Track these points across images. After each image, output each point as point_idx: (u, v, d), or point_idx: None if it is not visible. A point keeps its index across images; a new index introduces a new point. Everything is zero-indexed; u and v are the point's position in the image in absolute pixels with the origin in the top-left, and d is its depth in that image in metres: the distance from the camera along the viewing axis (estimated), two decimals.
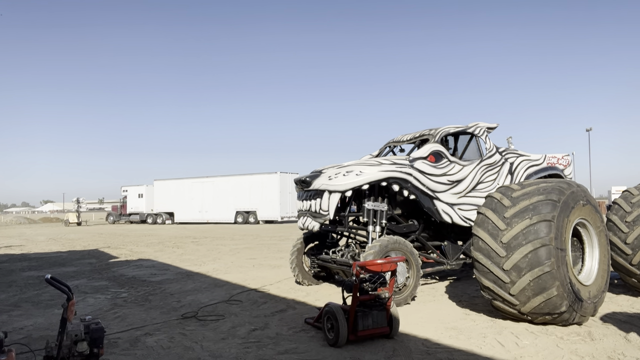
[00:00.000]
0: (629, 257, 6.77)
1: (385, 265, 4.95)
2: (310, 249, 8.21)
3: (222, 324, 5.74)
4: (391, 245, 6.52)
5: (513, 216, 5.28)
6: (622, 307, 6.14)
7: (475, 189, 7.71)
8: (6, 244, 19.67)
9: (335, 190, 6.82)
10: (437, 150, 7.53)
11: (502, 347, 4.59)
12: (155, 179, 39.93)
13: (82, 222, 40.75)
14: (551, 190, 5.36)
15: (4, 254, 15.14)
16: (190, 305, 6.79)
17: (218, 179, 36.72)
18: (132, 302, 7.12)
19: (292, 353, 4.58)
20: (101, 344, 3.70)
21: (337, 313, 4.75)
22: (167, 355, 4.60)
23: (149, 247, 16.71)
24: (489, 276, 5.34)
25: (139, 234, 24.40)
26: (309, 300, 7.00)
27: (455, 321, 5.62)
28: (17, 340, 5.04)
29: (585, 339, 4.79)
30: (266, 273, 9.83)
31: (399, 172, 7.01)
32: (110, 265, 11.65)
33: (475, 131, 8.19)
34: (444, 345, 4.72)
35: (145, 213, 40.30)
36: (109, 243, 18.76)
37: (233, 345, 4.87)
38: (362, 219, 7.26)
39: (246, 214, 34.83)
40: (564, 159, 9.23)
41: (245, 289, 8.00)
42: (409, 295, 6.51)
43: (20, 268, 11.49)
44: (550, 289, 4.97)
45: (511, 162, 8.35)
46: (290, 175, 33.77)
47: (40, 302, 7.26)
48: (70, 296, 3.65)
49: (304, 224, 7.17)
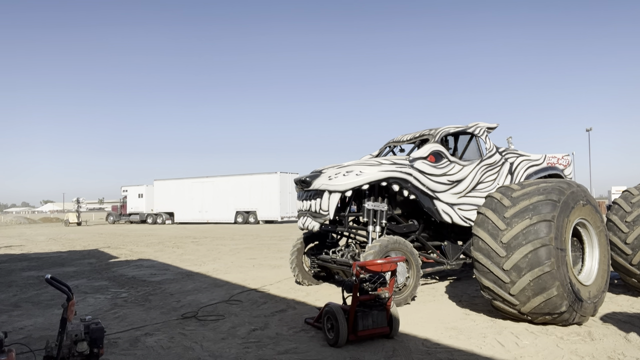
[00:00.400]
0: (629, 257, 6.77)
1: (385, 265, 4.95)
2: (310, 249, 8.21)
3: (222, 324, 5.74)
4: (391, 245, 6.52)
5: (513, 216, 5.28)
6: (622, 307, 6.14)
7: (475, 189, 7.71)
8: (6, 244, 19.67)
9: (335, 190, 6.82)
10: (437, 150, 7.53)
11: (502, 347, 4.60)
12: (155, 179, 39.96)
13: (82, 222, 40.75)
14: (551, 190, 5.36)
15: (4, 254, 15.14)
16: (190, 305, 6.79)
17: (218, 179, 36.73)
18: (132, 302, 7.12)
19: (292, 353, 4.58)
20: (101, 344, 3.70)
21: (337, 313, 4.75)
22: (167, 355, 4.60)
23: (149, 247, 16.71)
24: (489, 276, 5.34)
25: (139, 234, 24.40)
26: (309, 300, 7.00)
27: (455, 321, 5.62)
28: (17, 340, 5.04)
29: (585, 339, 4.79)
30: (266, 273, 9.83)
31: (399, 172, 7.02)
32: (110, 265, 11.65)
33: (475, 131, 8.19)
34: (444, 345, 4.72)
35: (145, 213, 40.31)
36: (109, 243, 18.77)
37: (233, 345, 4.87)
38: (362, 219, 7.26)
39: (246, 214, 34.83)
40: (564, 159, 9.23)
41: (245, 289, 8.00)
42: (409, 295, 6.51)
43: (20, 268, 11.49)
44: (550, 289, 4.97)
45: (511, 162, 8.35)
46: (290, 175, 33.77)
47: (40, 302, 7.26)
48: (70, 296, 3.65)
49: (304, 224, 7.17)
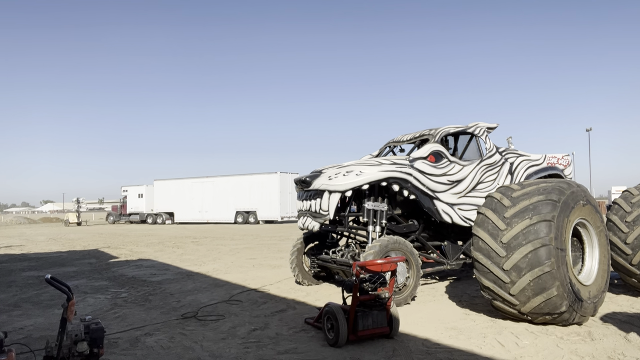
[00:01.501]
0: (629, 257, 6.77)
1: (385, 265, 4.95)
2: (310, 249, 8.21)
3: (222, 324, 5.74)
4: (391, 245, 6.52)
5: (513, 216, 5.28)
6: (622, 307, 6.14)
7: (475, 189, 7.71)
8: (6, 244, 19.67)
9: (335, 190, 6.82)
10: (437, 150, 7.53)
11: (502, 347, 4.59)
12: (155, 179, 39.95)
13: (82, 222, 40.75)
14: (551, 190, 5.36)
15: (4, 254, 15.14)
16: (190, 305, 6.79)
17: (218, 179, 36.72)
18: (132, 302, 7.12)
19: (292, 353, 4.58)
20: (101, 344, 3.70)
21: (337, 313, 4.75)
22: (167, 355, 4.60)
23: (149, 247, 16.71)
24: (489, 276, 5.34)
25: (139, 234, 24.39)
26: (309, 300, 7.00)
27: (455, 321, 5.62)
28: (17, 340, 5.04)
29: (585, 339, 4.79)
30: (266, 273, 9.83)
31: (399, 172, 7.01)
32: (110, 265, 11.65)
33: (475, 131, 8.19)
34: (444, 345, 4.72)
35: (145, 213, 40.31)
36: (109, 243, 18.76)
37: (233, 345, 4.87)
38: (362, 219, 7.26)
39: (246, 214, 34.83)
40: (564, 159, 9.23)
41: (245, 289, 8.00)
42: (409, 295, 6.51)
43: (20, 268, 11.48)
44: (550, 289, 4.96)
45: (511, 162, 8.34)
46: (290, 175, 33.77)
47: (40, 302, 7.26)
48: (70, 296, 3.65)
49: (304, 224, 7.17)
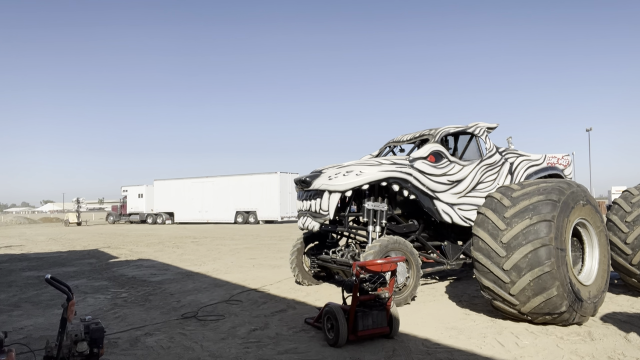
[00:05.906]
0: (629, 257, 6.77)
1: (385, 265, 4.95)
2: (310, 249, 8.21)
3: (222, 324, 5.74)
4: (391, 245, 6.52)
5: (513, 216, 5.28)
6: (622, 307, 6.14)
7: (475, 189, 7.71)
8: (6, 244, 19.67)
9: (335, 190, 6.82)
10: (437, 150, 7.53)
11: (502, 347, 4.59)
12: (155, 179, 39.95)
13: (82, 222, 40.72)
14: (551, 190, 5.36)
15: (4, 254, 15.14)
16: (190, 305, 6.79)
17: (218, 179, 36.72)
18: (132, 302, 7.12)
19: (292, 353, 4.58)
20: (101, 344, 3.70)
21: (337, 313, 4.75)
22: (167, 355, 4.60)
23: (149, 247, 16.71)
24: (489, 276, 5.34)
25: (139, 234, 24.39)
26: (309, 300, 7.00)
27: (455, 321, 5.62)
28: (17, 340, 5.04)
29: (585, 339, 4.79)
30: (266, 273, 9.83)
31: (399, 172, 7.01)
32: (110, 265, 11.65)
33: (475, 131, 8.19)
34: (444, 345, 4.72)
35: (145, 213, 40.31)
36: (109, 243, 18.76)
37: (233, 345, 4.87)
38: (362, 219, 7.26)
39: (246, 214, 34.83)
40: (564, 159, 9.23)
41: (245, 289, 8.00)
42: (409, 295, 6.51)
43: (20, 268, 11.49)
44: (550, 289, 4.97)
45: (511, 162, 8.34)
46: (290, 175, 33.77)
47: (40, 302, 7.26)
48: (70, 296, 3.65)
49: (304, 224, 7.17)
